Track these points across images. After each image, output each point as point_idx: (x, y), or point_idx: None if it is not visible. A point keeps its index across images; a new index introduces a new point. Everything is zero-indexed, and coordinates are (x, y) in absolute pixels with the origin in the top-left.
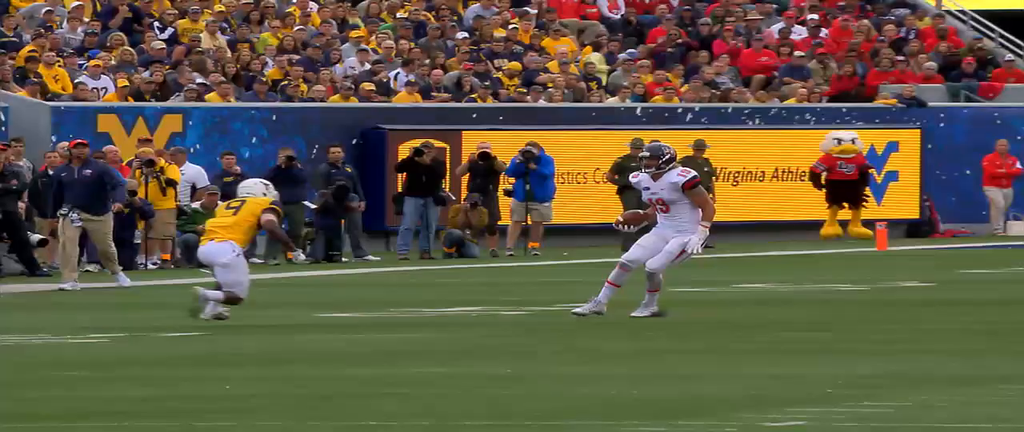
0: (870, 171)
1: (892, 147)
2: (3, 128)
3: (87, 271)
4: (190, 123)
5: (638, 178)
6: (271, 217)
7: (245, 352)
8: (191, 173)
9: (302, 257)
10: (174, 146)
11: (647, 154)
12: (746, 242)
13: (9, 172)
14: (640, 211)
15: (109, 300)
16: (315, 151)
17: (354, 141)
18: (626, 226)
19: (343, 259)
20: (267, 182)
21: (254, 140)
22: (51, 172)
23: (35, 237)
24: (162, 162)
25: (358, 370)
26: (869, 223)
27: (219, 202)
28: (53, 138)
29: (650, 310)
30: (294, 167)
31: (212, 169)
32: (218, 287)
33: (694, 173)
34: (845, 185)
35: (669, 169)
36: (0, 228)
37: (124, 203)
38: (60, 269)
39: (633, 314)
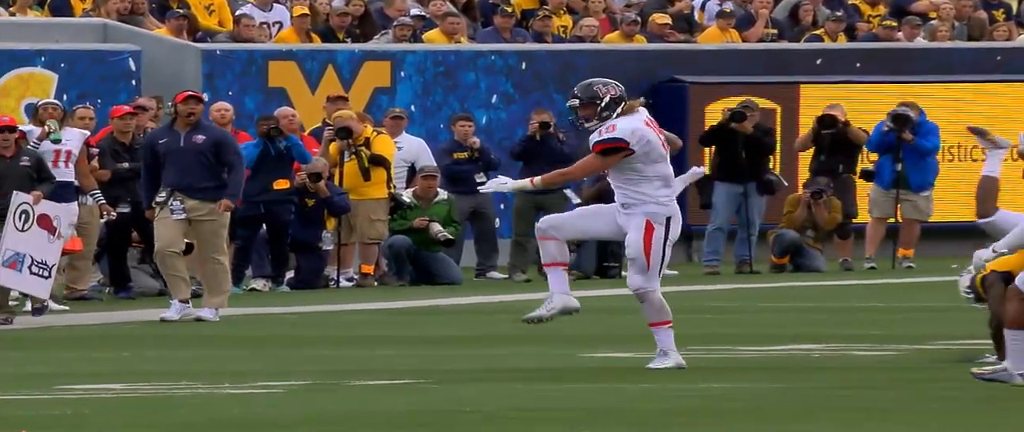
0: None
1: None
2: (134, 82)
3: (253, 290)
4: (402, 74)
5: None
6: None
7: (481, 408)
8: (410, 148)
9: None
10: (390, 109)
11: (576, 102)
12: None
13: (141, 146)
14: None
15: (280, 332)
16: None
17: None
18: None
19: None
20: None
21: (494, 99)
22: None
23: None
24: (367, 131)
25: None
26: None
27: (440, 190)
28: (205, 95)
29: (546, 307)
30: (552, 138)
31: (434, 140)
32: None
33: (620, 136)
34: None
35: (615, 118)
36: (130, 226)
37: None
38: (173, 292)
39: (650, 365)
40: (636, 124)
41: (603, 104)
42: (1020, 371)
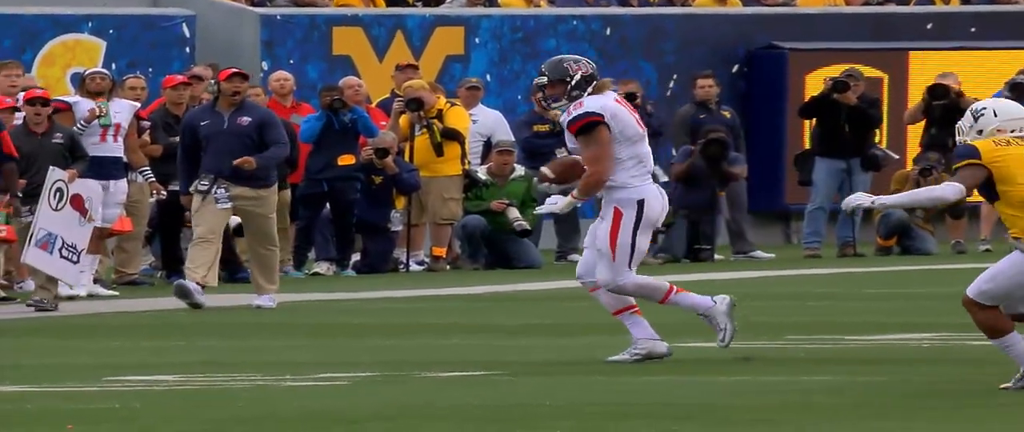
0: None
1: None
2: (188, 49)
3: (315, 274)
4: (477, 41)
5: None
6: None
7: (559, 401)
8: (486, 121)
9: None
10: (465, 79)
11: (544, 79)
12: None
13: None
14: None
15: (345, 320)
16: (672, 84)
17: (735, 68)
18: (549, 183)
19: (717, 256)
20: None
21: None
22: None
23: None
24: (440, 102)
25: None
26: None
27: (517, 166)
28: (264, 65)
29: (630, 353)
30: (639, 110)
31: (511, 113)
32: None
33: (592, 109)
34: None
35: (574, 104)
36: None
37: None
38: (188, 271)
39: (610, 358)
40: (605, 101)
41: (573, 83)
42: None
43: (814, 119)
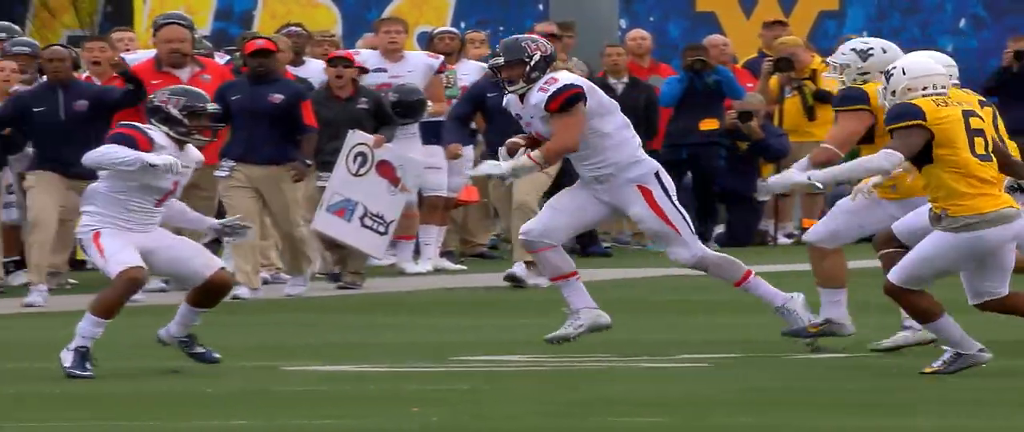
0: None
1: None
2: (541, 6)
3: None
4: None
5: (507, 100)
6: None
7: (921, 382)
8: None
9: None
10: (844, 36)
11: (500, 60)
12: None
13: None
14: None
15: (704, 297)
16: None
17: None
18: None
19: None
20: None
21: (962, 23)
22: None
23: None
24: (814, 62)
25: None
26: None
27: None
28: (622, 22)
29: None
30: None
31: None
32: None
33: (571, 81)
34: None
35: (543, 81)
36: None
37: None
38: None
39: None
40: (576, 76)
41: (532, 64)
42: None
43: None
